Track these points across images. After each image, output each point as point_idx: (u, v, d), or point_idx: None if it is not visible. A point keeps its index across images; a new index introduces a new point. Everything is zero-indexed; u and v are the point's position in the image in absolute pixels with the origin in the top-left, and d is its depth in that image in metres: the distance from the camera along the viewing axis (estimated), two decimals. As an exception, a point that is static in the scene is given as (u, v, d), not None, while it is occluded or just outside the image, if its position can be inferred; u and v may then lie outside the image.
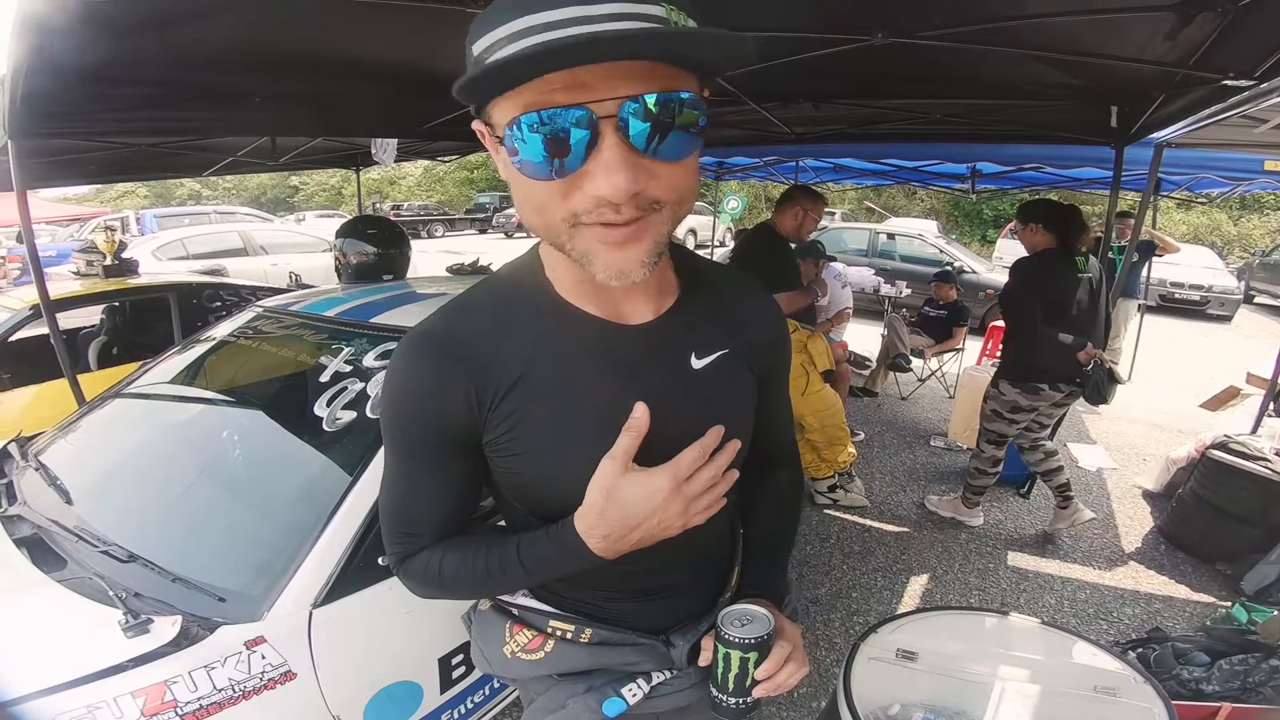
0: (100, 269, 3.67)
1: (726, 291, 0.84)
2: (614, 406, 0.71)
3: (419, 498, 0.79)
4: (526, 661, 0.89)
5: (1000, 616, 1.42)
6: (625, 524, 0.69)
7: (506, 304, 0.75)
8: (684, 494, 0.69)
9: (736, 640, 0.77)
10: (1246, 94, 1.67)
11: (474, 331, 0.74)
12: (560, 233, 0.61)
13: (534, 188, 0.59)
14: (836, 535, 3.26)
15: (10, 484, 1.62)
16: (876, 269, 7.63)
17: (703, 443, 0.71)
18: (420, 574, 0.80)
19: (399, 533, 0.81)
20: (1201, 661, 2.17)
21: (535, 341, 0.73)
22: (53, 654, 1.08)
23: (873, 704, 1.16)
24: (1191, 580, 2.97)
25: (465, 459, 0.77)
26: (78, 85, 1.87)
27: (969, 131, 3.40)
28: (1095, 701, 1.20)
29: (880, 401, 5.43)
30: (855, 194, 16.89)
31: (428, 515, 0.80)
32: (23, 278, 9.71)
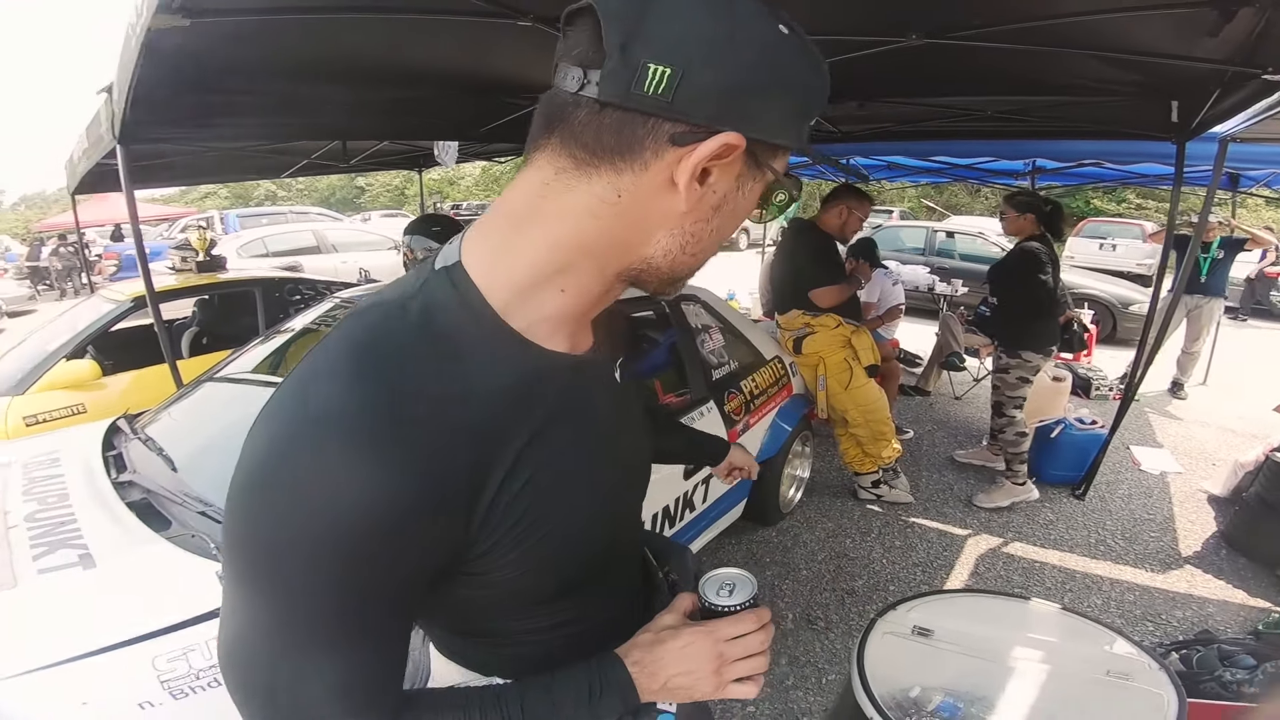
0: (194, 265, 4.01)
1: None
2: (602, 442, 0.67)
3: (371, 666, 0.55)
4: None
5: (1020, 600, 1.46)
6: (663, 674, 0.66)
7: (448, 357, 0.54)
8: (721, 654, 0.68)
9: (733, 608, 0.72)
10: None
11: (443, 405, 0.51)
12: (698, 269, 0.61)
13: (734, 229, 0.61)
14: (878, 530, 3.27)
15: (120, 455, 1.85)
16: (934, 267, 7.47)
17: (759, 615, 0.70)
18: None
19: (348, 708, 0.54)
20: (1247, 665, 2.11)
21: (519, 399, 0.56)
22: (157, 602, 1.24)
23: (891, 685, 1.19)
24: (1250, 585, 2.88)
25: (424, 592, 0.57)
26: (185, 95, 2.08)
27: (1022, 129, 3.37)
28: (1107, 685, 1.22)
29: (933, 401, 5.34)
30: (915, 192, 16.49)
31: (388, 682, 0.57)
32: (119, 274, 10.53)
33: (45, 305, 11.69)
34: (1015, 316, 3.43)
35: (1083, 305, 6.71)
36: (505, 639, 0.71)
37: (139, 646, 1.15)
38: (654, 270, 0.58)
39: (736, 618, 0.70)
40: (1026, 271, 3.26)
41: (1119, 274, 8.97)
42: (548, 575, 0.64)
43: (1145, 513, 3.52)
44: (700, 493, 2.43)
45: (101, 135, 2.89)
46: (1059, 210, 3.38)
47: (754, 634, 0.69)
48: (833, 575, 2.87)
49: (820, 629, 2.50)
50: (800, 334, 3.36)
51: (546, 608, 0.69)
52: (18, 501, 1.59)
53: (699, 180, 0.51)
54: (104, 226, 12.99)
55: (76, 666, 1.12)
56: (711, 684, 0.68)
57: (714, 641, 0.68)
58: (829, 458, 3.88)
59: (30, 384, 3.16)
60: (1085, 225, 12.89)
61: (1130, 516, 3.48)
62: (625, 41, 0.47)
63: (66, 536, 1.40)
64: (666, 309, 2.66)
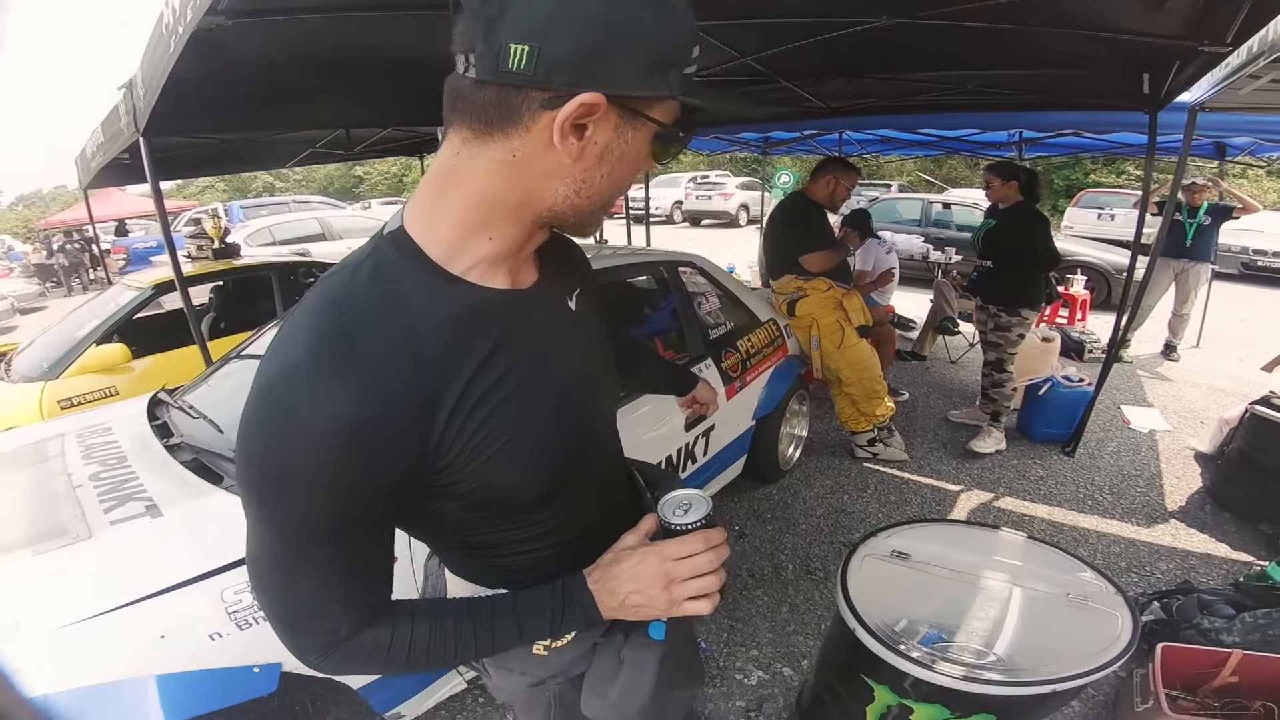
0: (209, 252, 4.15)
1: (552, 239, 0.84)
2: (555, 363, 0.75)
3: (358, 569, 0.67)
4: (564, 646, 0.88)
5: (989, 529, 1.60)
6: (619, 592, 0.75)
7: (398, 298, 0.64)
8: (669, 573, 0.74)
9: (686, 526, 0.76)
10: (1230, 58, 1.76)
11: (394, 339, 0.62)
12: (605, 209, 0.70)
13: (635, 170, 0.68)
14: (874, 486, 3.42)
15: (165, 423, 2.00)
16: (930, 237, 7.58)
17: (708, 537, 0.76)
18: (371, 654, 0.69)
19: (321, 620, 0.66)
20: (1225, 614, 2.19)
21: (465, 332, 0.66)
22: (221, 542, 1.37)
23: (878, 617, 1.31)
24: (1233, 539, 2.96)
25: (401, 500, 0.66)
26: (205, 89, 2.20)
27: (1002, 101, 3.48)
28: (1069, 606, 1.37)
29: (928, 365, 5.48)
30: (913, 166, 16.50)
31: (376, 585, 0.69)
32: (127, 267, 10.68)
33: (55, 302, 11.86)
34: (1016, 277, 3.57)
35: (1076, 272, 6.83)
36: (497, 551, 0.80)
37: (208, 582, 1.30)
38: (561, 215, 0.67)
39: (684, 539, 0.75)
40: (1032, 232, 3.44)
41: (1117, 243, 9.04)
42: (520, 481, 0.72)
43: (1133, 469, 3.64)
44: (701, 445, 2.58)
45: (121, 129, 3.02)
46: (1035, 177, 3.55)
47: (702, 554, 0.75)
48: (830, 529, 3.02)
49: (819, 579, 2.66)
50: (793, 297, 3.51)
51: (528, 518, 0.77)
52: (79, 465, 1.74)
53: (575, 136, 0.60)
54: (107, 222, 13.10)
55: (153, 603, 1.25)
56: (663, 601, 0.75)
57: (660, 560, 0.74)
58: (827, 419, 4.02)
59: (63, 369, 3.31)
60: (1084, 196, 12.96)
61: (1118, 473, 3.59)
62: (488, 27, 0.55)
63: (132, 491, 1.56)
64: (665, 273, 2.79)
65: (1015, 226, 3.49)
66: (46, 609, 1.22)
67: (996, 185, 3.53)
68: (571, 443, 0.78)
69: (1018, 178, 3.50)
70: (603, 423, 0.91)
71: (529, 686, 0.93)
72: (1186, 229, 5.38)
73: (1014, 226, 3.50)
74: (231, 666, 1.25)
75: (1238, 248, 9.60)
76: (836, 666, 1.47)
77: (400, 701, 1.60)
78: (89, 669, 1.15)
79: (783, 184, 10.66)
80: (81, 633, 1.18)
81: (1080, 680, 1.16)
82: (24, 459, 1.83)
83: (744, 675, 2.17)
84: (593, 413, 0.84)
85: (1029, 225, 3.44)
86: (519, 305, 0.72)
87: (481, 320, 0.68)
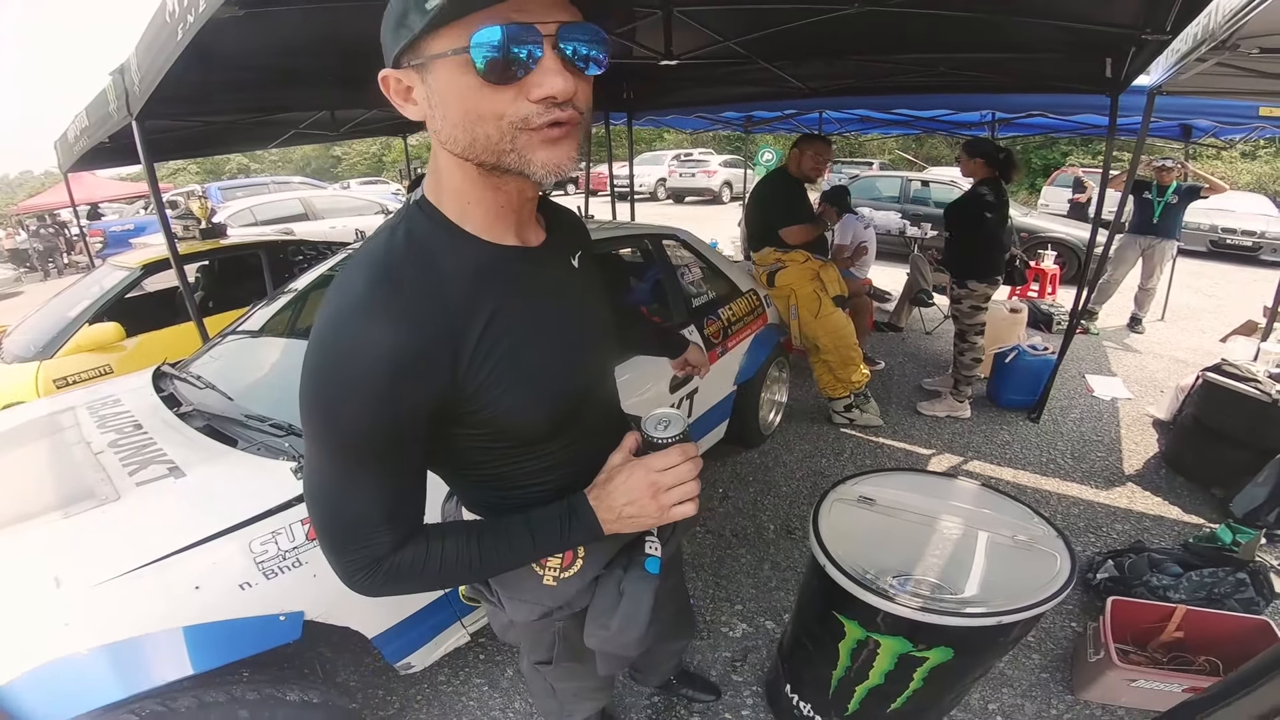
0: (197, 232, 4.17)
1: (559, 209, 0.99)
2: (554, 315, 0.86)
3: (400, 490, 0.78)
4: (571, 575, 0.99)
5: (948, 478, 1.75)
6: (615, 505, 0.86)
7: (427, 255, 0.75)
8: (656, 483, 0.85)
9: (666, 440, 0.87)
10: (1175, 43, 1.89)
11: (425, 287, 0.73)
12: (503, 139, 0.69)
13: (485, 100, 0.67)
14: (851, 450, 3.59)
15: (172, 394, 2.08)
16: (908, 214, 7.75)
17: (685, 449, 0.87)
18: (409, 571, 0.79)
19: (367, 536, 0.76)
20: (1173, 572, 2.34)
21: (482, 282, 0.77)
22: (244, 498, 1.48)
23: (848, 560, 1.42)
24: (1185, 502, 3.10)
25: (434, 430, 0.77)
26: (198, 73, 2.23)
27: (973, 82, 3.61)
28: (1015, 548, 1.50)
29: (905, 336, 5.66)
30: (895, 144, 16.65)
31: (413, 506, 0.80)
32: (105, 249, 10.54)
33: (31, 286, 11.67)
34: (964, 250, 3.76)
35: (1046, 247, 7.02)
36: (509, 483, 0.90)
37: (236, 534, 1.39)
38: (474, 163, 0.73)
39: (665, 452, 0.86)
40: (975, 211, 3.60)
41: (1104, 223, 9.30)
42: (530, 413, 0.82)
43: (1094, 435, 3.81)
44: (685, 408, 2.71)
45: (110, 114, 3.04)
46: (1010, 157, 3.68)
47: (682, 464, 0.85)
48: (810, 491, 3.17)
49: (798, 538, 2.81)
50: (773, 268, 3.66)
51: (537, 449, 0.88)
52: (95, 434, 1.82)
53: (410, 101, 0.73)
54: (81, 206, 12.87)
55: (187, 556, 1.34)
56: (654, 508, 0.85)
57: (647, 472, 0.85)
58: (806, 386, 4.17)
59: (57, 348, 3.35)
60: (1059, 175, 13.18)
61: (1080, 438, 3.76)
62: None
63: (153, 455, 1.64)
64: (650, 246, 2.91)
65: (965, 203, 3.69)
66: (85, 566, 1.30)
67: (964, 161, 3.70)
68: (572, 383, 0.88)
69: (984, 154, 3.63)
70: (601, 369, 1.01)
71: (538, 618, 1.04)
72: (1155, 207, 5.54)
73: (965, 203, 3.69)
74: (259, 615, 1.36)
75: (1207, 226, 9.89)
76: (811, 607, 1.61)
77: (410, 652, 1.72)
78: (131, 620, 1.23)
79: (765, 161, 10.74)
80: (122, 586, 1.27)
81: (1023, 614, 1.29)
82: (40, 430, 1.91)
83: (729, 629, 2.31)
84: (591, 358, 0.95)
85: (973, 203, 3.63)
86: (528, 260, 0.83)
87: (496, 273, 0.79)
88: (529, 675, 1.42)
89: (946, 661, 1.37)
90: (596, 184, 11.39)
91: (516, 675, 2.11)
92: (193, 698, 1.25)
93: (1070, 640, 2.23)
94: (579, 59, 0.69)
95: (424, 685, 2.08)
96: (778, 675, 1.84)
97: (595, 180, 12.20)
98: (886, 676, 1.45)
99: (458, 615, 1.79)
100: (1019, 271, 3.94)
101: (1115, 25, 2.31)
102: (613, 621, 1.00)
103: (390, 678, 2.09)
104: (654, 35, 3.20)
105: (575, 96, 0.70)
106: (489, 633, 2.12)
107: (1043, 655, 2.18)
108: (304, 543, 1.44)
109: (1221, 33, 1.98)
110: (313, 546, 1.45)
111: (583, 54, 0.70)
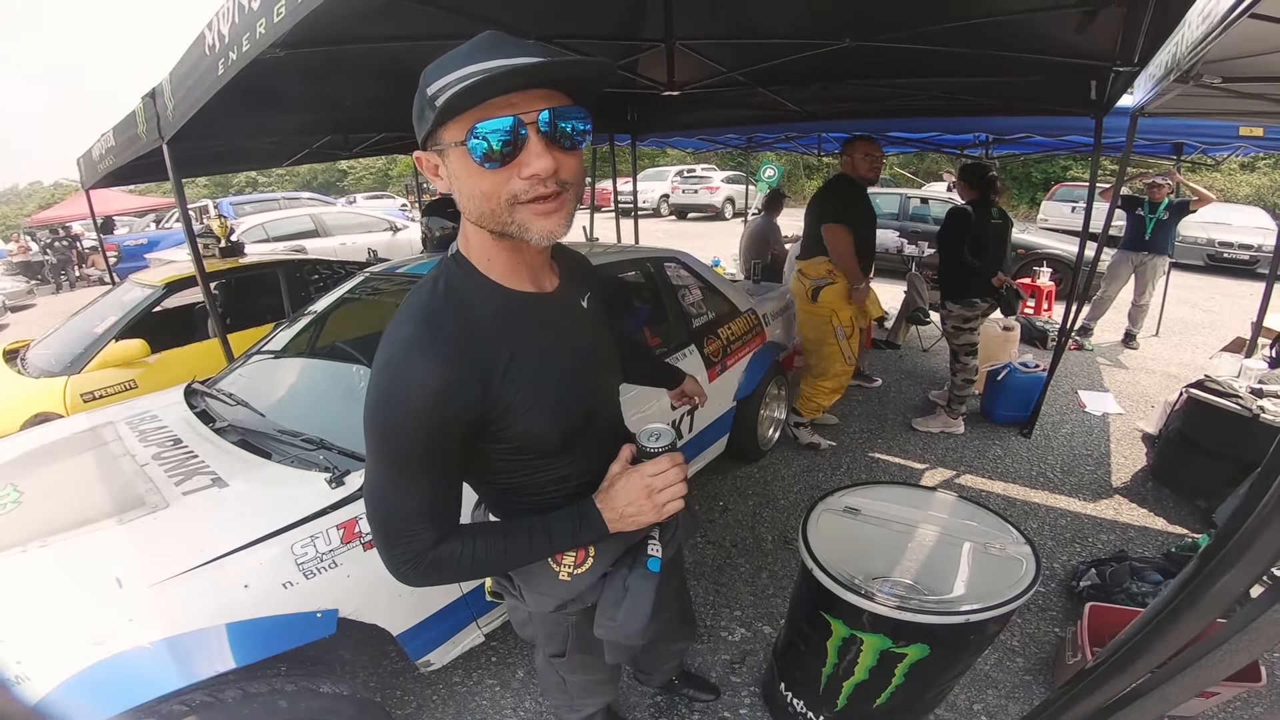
0: (216, 250, 4.33)
1: (570, 257, 1.15)
2: (567, 351, 1.00)
3: (440, 494, 0.93)
4: (583, 573, 1.12)
5: (929, 491, 1.88)
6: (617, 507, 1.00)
7: (462, 304, 0.91)
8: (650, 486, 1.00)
9: (656, 450, 1.02)
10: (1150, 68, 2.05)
11: (460, 331, 0.89)
12: (503, 213, 0.83)
13: (484, 180, 0.81)
14: (847, 465, 3.71)
15: (204, 411, 2.23)
16: (906, 231, 7.89)
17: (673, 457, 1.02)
18: (447, 563, 0.94)
19: (414, 532, 0.91)
20: (1153, 580, 2.44)
21: (506, 324, 0.92)
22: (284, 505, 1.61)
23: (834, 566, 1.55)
24: (1170, 514, 3.20)
25: (467, 446, 0.93)
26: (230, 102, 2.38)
27: (963, 106, 3.77)
28: (985, 554, 1.63)
29: (902, 353, 5.79)
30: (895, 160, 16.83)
31: (451, 508, 0.96)
32: (120, 264, 10.72)
33: (43, 299, 11.87)
34: (943, 271, 3.93)
35: (1042, 264, 7.16)
36: (529, 491, 1.06)
37: (278, 538, 1.52)
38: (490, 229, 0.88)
39: (656, 460, 1.01)
40: (946, 230, 3.81)
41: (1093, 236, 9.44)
42: (546, 430, 0.97)
43: (1084, 449, 3.92)
44: (686, 423, 2.84)
45: (138, 135, 3.20)
46: (991, 180, 3.82)
47: (671, 469, 1.01)
48: (806, 504, 3.27)
49: (795, 549, 2.89)
50: (821, 283, 3.56)
51: (553, 461, 1.03)
52: (138, 447, 1.96)
53: (437, 177, 0.88)
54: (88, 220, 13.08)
55: (236, 558, 1.46)
56: (650, 507, 1.00)
57: (641, 477, 1.00)
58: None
59: (84, 364, 3.49)
60: (1058, 190, 13.35)
61: (1070, 452, 3.87)
62: None
63: (196, 467, 1.78)
64: (651, 269, 3.05)
65: (943, 225, 3.85)
66: (143, 568, 1.42)
67: (959, 186, 3.91)
68: (582, 406, 1.03)
69: (968, 179, 3.81)
70: (606, 394, 1.16)
71: (553, 610, 1.17)
72: (1147, 223, 5.65)
73: (943, 225, 3.86)
74: (299, 612, 1.48)
75: (1204, 239, 10.01)
76: (802, 609, 1.73)
77: (429, 650, 1.84)
78: (186, 617, 1.35)
79: (768, 178, 10.92)
80: (178, 585, 1.39)
81: (989, 612, 1.42)
82: (85, 443, 2.05)
83: (728, 633, 2.43)
84: (598, 385, 1.10)
85: (946, 221, 3.80)
86: (543, 304, 0.99)
87: (517, 315, 0.94)
88: (542, 670, 1.55)
89: (924, 658, 1.49)
90: (601, 200, 11.60)
91: (527, 676, 2.23)
92: (238, 689, 1.37)
93: (1053, 644, 2.34)
94: (562, 138, 0.82)
95: (439, 685, 2.20)
96: (773, 675, 1.96)
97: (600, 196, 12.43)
98: (870, 672, 1.57)
99: (474, 616, 1.91)
100: (1008, 300, 3.93)
101: (1090, 58, 2.47)
102: (618, 614, 1.12)
103: (407, 678, 2.21)
104: (656, 67, 3.37)
105: (560, 171, 0.82)
106: (502, 634, 2.26)
107: (1026, 659, 2.28)
108: (339, 546, 1.57)
109: (1186, 63, 2.11)
110: (347, 549, 1.58)
111: (565, 131, 0.82)
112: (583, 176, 0.89)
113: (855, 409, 4.54)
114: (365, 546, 1.61)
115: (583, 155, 0.88)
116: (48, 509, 1.69)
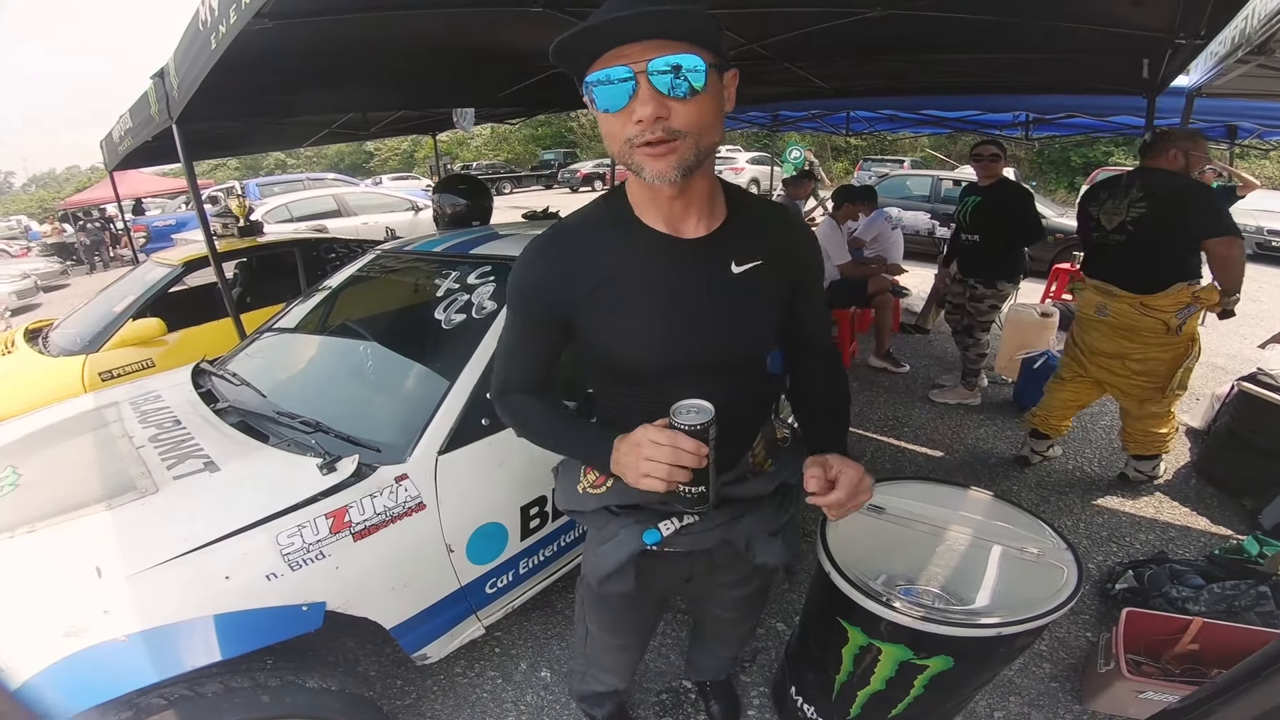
0: (235, 230, 4.32)
1: (767, 218, 1.10)
2: (667, 293, 1.02)
3: (525, 353, 1.13)
4: (593, 495, 1.20)
5: (960, 488, 1.74)
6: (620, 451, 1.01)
7: (595, 225, 1.06)
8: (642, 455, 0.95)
9: (678, 425, 0.91)
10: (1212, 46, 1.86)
11: (572, 245, 1.04)
12: (625, 153, 0.91)
13: (607, 123, 0.90)
14: (871, 454, 3.58)
15: (209, 391, 2.18)
16: (937, 214, 7.64)
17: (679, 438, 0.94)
18: (512, 409, 1.15)
19: (505, 375, 1.15)
20: (1195, 584, 2.28)
21: (617, 250, 1.02)
22: (273, 492, 1.55)
23: (855, 567, 1.44)
24: (1214, 513, 3.02)
25: (559, 332, 1.09)
26: (236, 79, 2.32)
27: (1005, 83, 3.55)
28: (1022, 560, 1.50)
29: (931, 338, 5.61)
30: (927, 141, 16.38)
31: (530, 366, 1.14)
32: (148, 244, 10.90)
33: (77, 279, 12.14)
34: (1000, 249, 3.78)
35: (1081, 249, 6.86)
36: (602, 397, 1.19)
37: (264, 527, 1.46)
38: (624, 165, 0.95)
39: (665, 430, 0.92)
40: (1022, 206, 3.63)
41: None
42: (614, 360, 1.07)
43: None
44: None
45: (151, 116, 3.17)
46: None
47: (665, 447, 0.92)
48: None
49: (812, 543, 2.79)
50: (1187, 313, 2.83)
51: (625, 389, 1.12)
52: (137, 429, 1.92)
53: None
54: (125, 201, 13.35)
55: (218, 547, 1.40)
56: (633, 471, 0.97)
57: (644, 436, 0.95)
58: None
59: (103, 343, 3.51)
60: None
61: (1109, 445, 3.68)
62: None
63: (189, 450, 1.73)
64: None
65: (1002, 201, 3.62)
66: (124, 556, 1.37)
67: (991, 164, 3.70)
68: (663, 353, 1.05)
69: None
70: (702, 353, 1.06)
71: (564, 510, 1.29)
72: None
73: (1002, 201, 3.62)
74: (284, 605, 1.42)
75: (1253, 228, 9.54)
76: (818, 612, 1.63)
77: (426, 643, 1.78)
78: (165, 609, 1.30)
79: (794, 159, 10.67)
80: (158, 575, 1.34)
81: (1022, 626, 1.29)
82: (86, 424, 2.02)
83: (741, 628, 2.35)
84: (687, 340, 1.05)
85: (1018, 200, 3.58)
86: (670, 247, 1.02)
87: (630, 246, 1.02)
88: (577, 613, 1.57)
89: (947, 670, 1.38)
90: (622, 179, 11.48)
91: (530, 669, 2.17)
92: (219, 683, 1.31)
93: (1084, 650, 2.22)
94: (670, 87, 0.85)
95: (440, 676, 2.15)
96: (784, 677, 1.87)
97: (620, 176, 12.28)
98: (888, 683, 1.47)
99: (473, 609, 1.85)
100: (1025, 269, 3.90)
101: (1149, 29, 2.27)
102: (597, 549, 1.23)
103: (408, 668, 2.17)
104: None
105: (671, 119, 0.86)
106: (504, 626, 2.24)
107: (1054, 664, 2.17)
108: (327, 536, 1.50)
109: (1258, 37, 1.94)
110: (336, 539, 1.51)
111: (673, 82, 0.85)
112: (704, 124, 0.89)
113: (880, 396, 4.39)
114: (355, 537, 1.54)
115: (710, 104, 0.89)
116: (42, 493, 1.65)
